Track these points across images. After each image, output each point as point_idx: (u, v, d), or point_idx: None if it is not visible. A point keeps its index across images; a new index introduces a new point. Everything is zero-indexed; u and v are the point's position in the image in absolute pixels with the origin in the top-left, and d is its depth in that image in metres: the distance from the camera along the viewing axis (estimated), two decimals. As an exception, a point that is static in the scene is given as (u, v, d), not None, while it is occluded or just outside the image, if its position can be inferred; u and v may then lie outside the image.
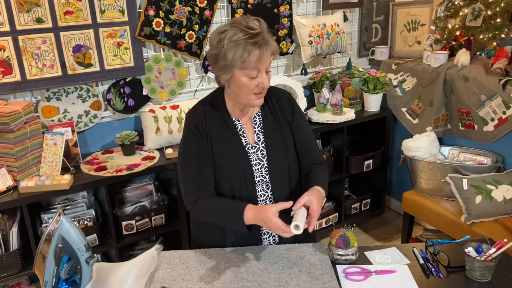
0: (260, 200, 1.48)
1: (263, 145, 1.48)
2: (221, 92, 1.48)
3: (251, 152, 1.47)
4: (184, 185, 1.46)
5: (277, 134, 1.49)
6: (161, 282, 1.30)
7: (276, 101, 1.52)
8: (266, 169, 1.47)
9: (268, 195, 1.48)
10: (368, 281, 1.29)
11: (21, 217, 2.05)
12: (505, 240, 1.24)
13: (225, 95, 1.47)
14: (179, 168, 1.48)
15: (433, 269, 1.32)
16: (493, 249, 1.24)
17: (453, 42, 2.72)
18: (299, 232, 1.24)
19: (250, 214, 1.32)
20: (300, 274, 1.32)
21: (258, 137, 1.49)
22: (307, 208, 1.33)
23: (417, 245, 1.47)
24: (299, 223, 1.24)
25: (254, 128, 1.49)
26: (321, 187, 1.41)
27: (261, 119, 1.50)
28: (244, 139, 1.47)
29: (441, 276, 1.30)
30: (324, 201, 1.37)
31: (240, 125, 1.48)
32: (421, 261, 1.36)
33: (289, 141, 1.51)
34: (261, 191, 1.47)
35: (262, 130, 1.49)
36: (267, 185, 1.48)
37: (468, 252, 1.28)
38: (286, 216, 1.33)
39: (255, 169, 1.46)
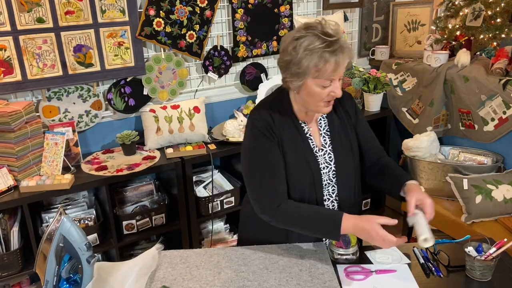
0: (326, 204, 1.46)
1: (330, 148, 1.46)
2: (286, 94, 1.42)
3: (319, 155, 1.44)
4: (260, 189, 1.38)
5: (343, 137, 1.47)
6: (162, 282, 1.31)
7: (340, 103, 1.49)
8: (334, 172, 1.45)
9: (332, 199, 1.47)
10: (369, 280, 1.29)
11: (22, 217, 2.05)
12: (505, 239, 1.24)
13: (291, 97, 1.42)
14: (248, 173, 1.42)
15: (433, 269, 1.32)
16: (493, 249, 1.24)
17: (453, 42, 2.72)
18: (430, 244, 1.20)
19: (350, 224, 1.27)
20: (300, 274, 1.32)
21: (325, 140, 1.46)
22: (415, 206, 1.30)
23: (417, 244, 1.47)
24: (428, 235, 1.19)
25: (320, 131, 1.47)
26: (411, 179, 1.39)
27: (326, 122, 1.48)
28: (312, 142, 1.44)
29: (442, 276, 1.30)
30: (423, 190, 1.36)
31: (307, 128, 1.45)
32: (421, 261, 1.36)
33: (354, 144, 1.49)
34: (326, 195, 1.46)
35: (328, 133, 1.47)
36: (333, 189, 1.46)
37: (469, 251, 1.28)
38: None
39: (323, 173, 1.44)
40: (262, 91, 2.74)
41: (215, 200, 2.45)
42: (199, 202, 2.42)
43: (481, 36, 2.48)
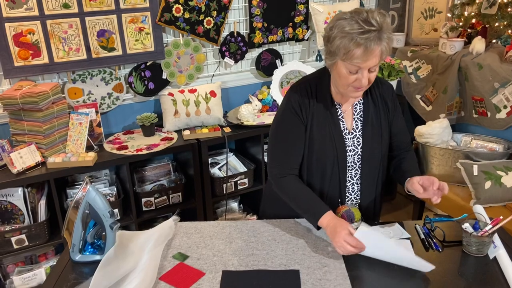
0: (347, 186, 1.53)
1: (359, 133, 1.49)
2: (328, 74, 1.45)
3: (348, 138, 1.48)
4: (272, 158, 1.52)
5: (375, 124, 1.50)
6: (177, 249, 1.41)
7: (379, 91, 1.51)
8: (359, 156, 1.50)
9: (353, 181, 1.54)
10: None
11: (49, 191, 2.19)
12: (501, 217, 1.30)
13: (331, 77, 1.45)
14: (270, 140, 1.54)
15: (432, 244, 1.39)
16: (489, 226, 1.30)
17: (469, 30, 2.73)
18: None
19: (326, 220, 1.37)
20: (306, 245, 1.41)
21: (356, 124, 1.50)
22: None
23: (420, 222, 1.53)
24: None
25: (354, 115, 1.50)
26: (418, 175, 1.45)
27: (361, 107, 1.50)
28: (343, 124, 1.48)
29: (440, 250, 1.37)
30: None
31: (341, 110, 1.48)
32: (422, 236, 1.43)
33: (385, 133, 1.52)
34: (349, 177, 1.53)
35: (361, 118, 1.50)
36: (355, 172, 1.52)
37: (465, 228, 1.34)
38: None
39: (349, 155, 1.49)
40: (277, 77, 2.80)
41: (229, 181, 2.55)
42: (214, 182, 2.52)
43: (496, 24, 2.48)
